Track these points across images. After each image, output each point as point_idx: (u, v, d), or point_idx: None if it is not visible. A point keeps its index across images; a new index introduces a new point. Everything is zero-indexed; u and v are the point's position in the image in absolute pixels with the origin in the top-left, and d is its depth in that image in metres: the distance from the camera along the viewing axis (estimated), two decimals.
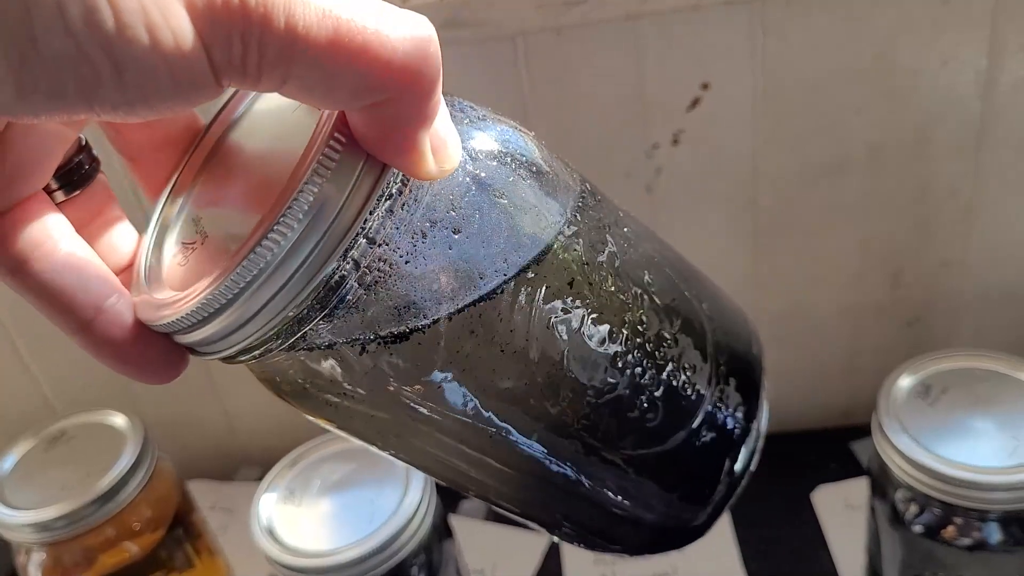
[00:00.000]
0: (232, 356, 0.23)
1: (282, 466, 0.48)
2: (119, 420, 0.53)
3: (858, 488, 0.58)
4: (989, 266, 0.60)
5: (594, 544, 0.32)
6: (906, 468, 0.43)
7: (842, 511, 0.60)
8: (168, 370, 0.24)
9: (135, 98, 0.18)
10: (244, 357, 0.23)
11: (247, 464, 0.72)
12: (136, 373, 0.23)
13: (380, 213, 0.21)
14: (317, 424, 0.27)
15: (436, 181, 0.22)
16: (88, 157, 0.26)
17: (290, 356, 0.23)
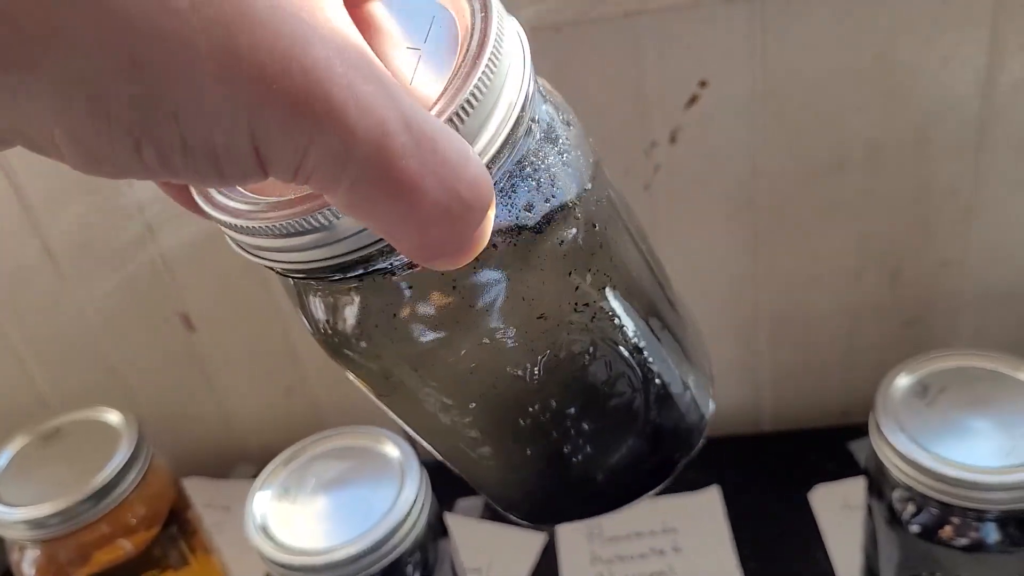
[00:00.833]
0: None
1: (277, 464, 0.48)
2: (114, 417, 0.52)
3: (856, 488, 0.58)
4: (988, 266, 0.60)
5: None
6: (903, 468, 0.43)
7: (839, 511, 0.60)
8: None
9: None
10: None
11: (243, 461, 0.72)
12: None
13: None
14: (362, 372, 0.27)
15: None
16: None
17: None
